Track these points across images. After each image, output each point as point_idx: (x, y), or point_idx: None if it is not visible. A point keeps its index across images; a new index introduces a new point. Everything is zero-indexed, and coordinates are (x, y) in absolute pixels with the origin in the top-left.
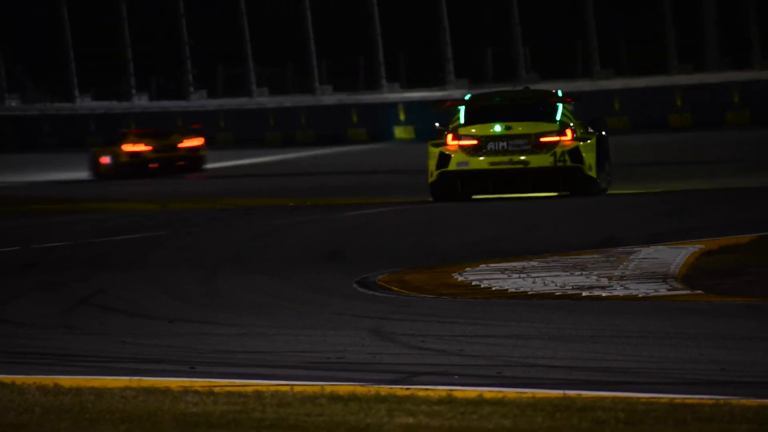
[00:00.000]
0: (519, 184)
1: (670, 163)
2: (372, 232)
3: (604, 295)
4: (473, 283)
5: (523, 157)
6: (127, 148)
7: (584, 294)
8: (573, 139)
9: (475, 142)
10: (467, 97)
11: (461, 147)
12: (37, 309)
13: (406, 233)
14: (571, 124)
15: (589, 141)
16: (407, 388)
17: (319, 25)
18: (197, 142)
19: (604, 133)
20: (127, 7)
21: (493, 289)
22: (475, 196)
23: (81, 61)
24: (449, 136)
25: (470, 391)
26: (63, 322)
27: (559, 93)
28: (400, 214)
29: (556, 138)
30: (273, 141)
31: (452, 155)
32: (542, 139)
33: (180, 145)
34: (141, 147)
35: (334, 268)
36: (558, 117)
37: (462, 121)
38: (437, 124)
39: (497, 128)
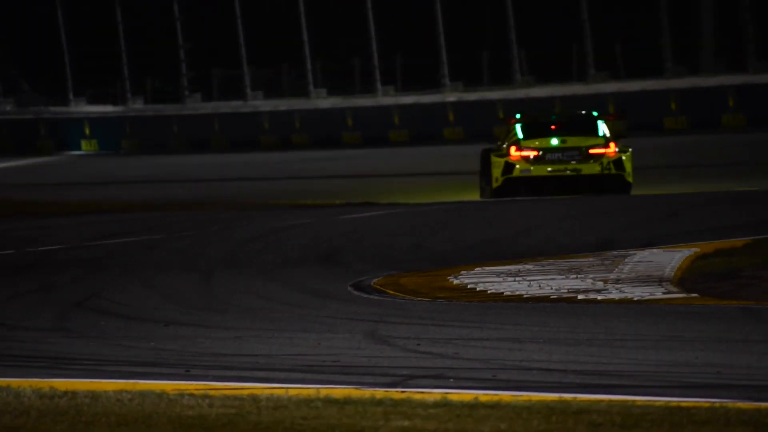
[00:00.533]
0: (572, 187)
1: (666, 166)
2: (367, 235)
3: (599, 298)
4: (468, 286)
5: (576, 166)
6: None
7: (580, 297)
8: (616, 151)
9: (536, 153)
10: (518, 116)
11: (523, 157)
12: (32, 312)
13: (402, 236)
14: (611, 138)
15: (628, 153)
16: (403, 391)
17: (314, 28)
18: None
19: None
20: (123, 10)
21: (489, 292)
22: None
23: (76, 65)
24: (512, 148)
25: (466, 395)
26: (58, 325)
27: (594, 113)
28: (395, 217)
29: (603, 150)
30: (267, 144)
31: (516, 164)
32: (591, 151)
33: None
34: None
35: (330, 271)
36: (601, 133)
37: (520, 135)
38: (488, 146)
39: (554, 141)
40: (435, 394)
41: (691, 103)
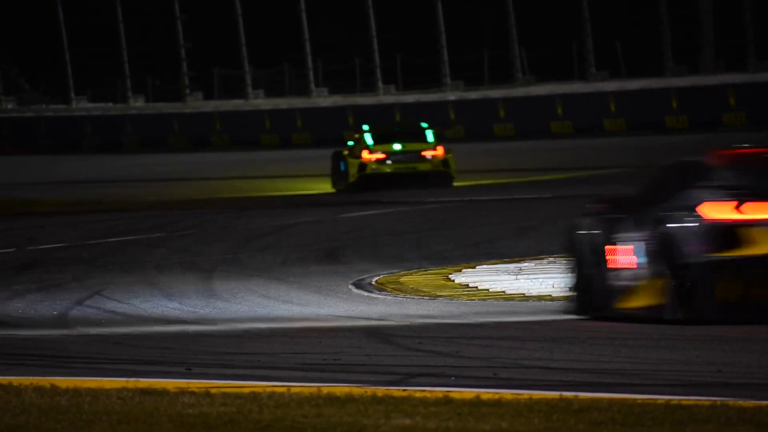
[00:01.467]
0: (411, 181)
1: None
2: (368, 234)
3: None
4: (470, 285)
5: (413, 165)
6: None
7: None
8: (443, 153)
9: (383, 155)
10: (365, 127)
11: (374, 159)
12: (34, 310)
13: (403, 234)
14: (438, 143)
15: (451, 154)
16: (404, 390)
17: (315, 26)
18: None
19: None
20: (124, 9)
21: (490, 290)
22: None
23: (77, 63)
24: (364, 152)
25: (467, 393)
26: (60, 324)
27: (424, 125)
28: (396, 216)
29: (432, 153)
30: (268, 143)
31: (368, 164)
32: (423, 153)
33: None
34: None
35: (331, 269)
36: (431, 139)
37: (370, 142)
38: (338, 149)
39: (397, 146)
40: (436, 392)
41: (692, 102)
